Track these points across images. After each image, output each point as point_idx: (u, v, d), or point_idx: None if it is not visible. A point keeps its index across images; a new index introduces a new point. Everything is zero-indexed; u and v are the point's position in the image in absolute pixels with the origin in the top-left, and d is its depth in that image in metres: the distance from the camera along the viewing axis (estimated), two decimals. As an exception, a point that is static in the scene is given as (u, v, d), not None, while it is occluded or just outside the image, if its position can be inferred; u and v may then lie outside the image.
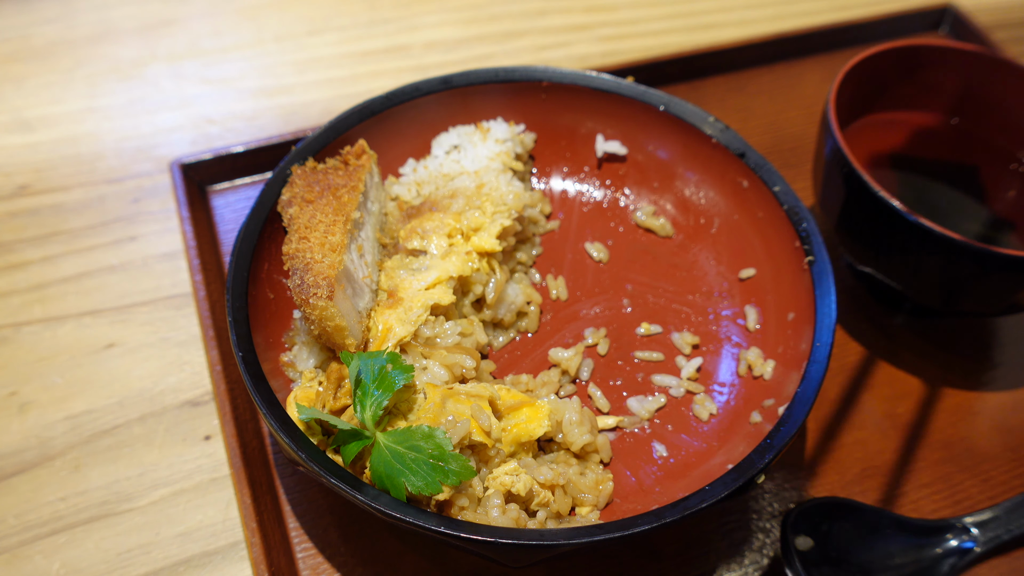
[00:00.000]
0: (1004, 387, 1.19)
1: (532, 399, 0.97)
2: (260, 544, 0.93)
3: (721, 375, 1.07)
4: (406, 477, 0.83)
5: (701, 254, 1.19)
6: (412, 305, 0.99)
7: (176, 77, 1.55)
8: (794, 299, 1.05)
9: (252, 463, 1.01)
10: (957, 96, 1.28)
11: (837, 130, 1.10)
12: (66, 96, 1.50)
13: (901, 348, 1.21)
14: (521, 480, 0.89)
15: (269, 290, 1.03)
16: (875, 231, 1.09)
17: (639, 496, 0.96)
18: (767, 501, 1.05)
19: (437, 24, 1.70)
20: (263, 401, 0.87)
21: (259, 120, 1.49)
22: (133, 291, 1.23)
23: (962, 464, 1.10)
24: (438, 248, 1.06)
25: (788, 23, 1.73)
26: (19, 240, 1.28)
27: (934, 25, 1.72)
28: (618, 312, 1.14)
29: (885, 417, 1.14)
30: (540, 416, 0.95)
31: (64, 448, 1.07)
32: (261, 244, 1.02)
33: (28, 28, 1.62)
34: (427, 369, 0.96)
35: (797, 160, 1.44)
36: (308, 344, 1.00)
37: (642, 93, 1.20)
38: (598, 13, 1.76)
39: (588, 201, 1.26)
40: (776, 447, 0.87)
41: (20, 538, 0.99)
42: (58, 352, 1.16)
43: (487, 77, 1.21)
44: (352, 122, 1.15)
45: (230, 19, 1.68)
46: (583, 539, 0.79)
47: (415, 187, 1.15)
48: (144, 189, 1.36)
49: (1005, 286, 1.05)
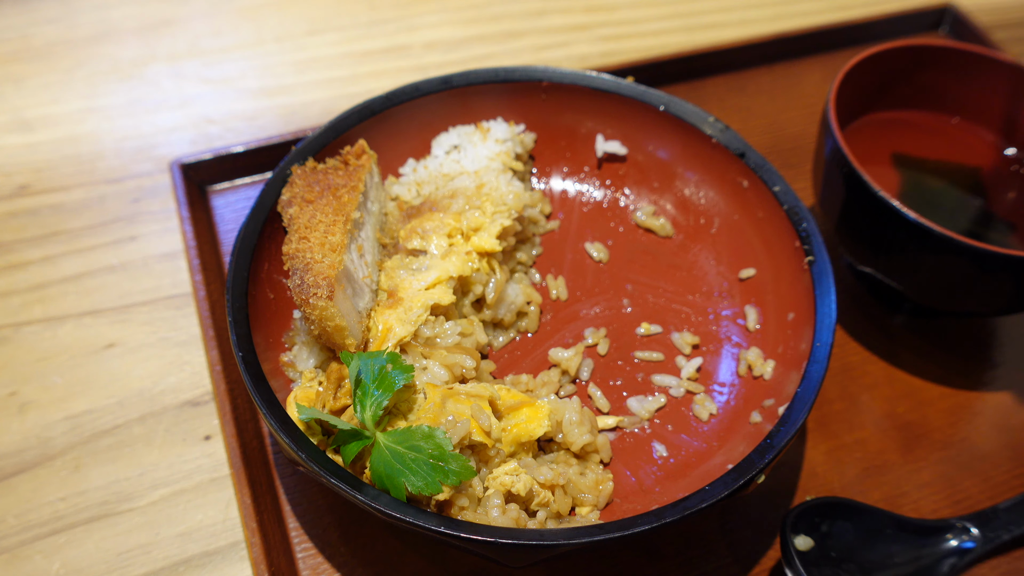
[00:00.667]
0: (1004, 387, 1.19)
1: (532, 399, 0.97)
2: (260, 544, 0.93)
3: (721, 375, 1.07)
4: (406, 477, 0.83)
5: (701, 254, 1.19)
6: (412, 305, 0.99)
7: (176, 77, 1.55)
8: (794, 299, 1.05)
9: (252, 463, 1.01)
10: (957, 96, 1.28)
11: (837, 130, 1.10)
12: (66, 96, 1.50)
13: (901, 348, 1.21)
14: (521, 480, 0.89)
15: (269, 290, 1.03)
16: (875, 231, 1.09)
17: (639, 496, 0.96)
18: (767, 501, 1.05)
19: (437, 24, 1.70)
20: (263, 401, 0.87)
21: (259, 120, 1.49)
22: (133, 291, 1.23)
23: (962, 464, 1.10)
24: (438, 248, 1.06)
25: (788, 23, 1.73)
26: (19, 240, 1.28)
27: (934, 25, 1.72)
28: (618, 312, 1.14)
29: (885, 417, 1.14)
30: (540, 416, 0.95)
31: (64, 448, 1.07)
32: (261, 244, 1.02)
33: (28, 28, 1.62)
34: (427, 369, 0.96)
35: (797, 160, 1.44)
36: (308, 344, 1.00)
37: (642, 93, 1.20)
38: (598, 13, 1.76)
39: (588, 201, 1.26)
40: (776, 447, 0.87)
41: (20, 538, 0.99)
42: (58, 352, 1.16)
43: (487, 77, 1.21)
44: (352, 122, 1.15)
45: (230, 19, 1.68)
46: (583, 539, 0.79)
47: (415, 187, 1.15)
48: (144, 189, 1.36)
49: (1005, 286, 1.05)
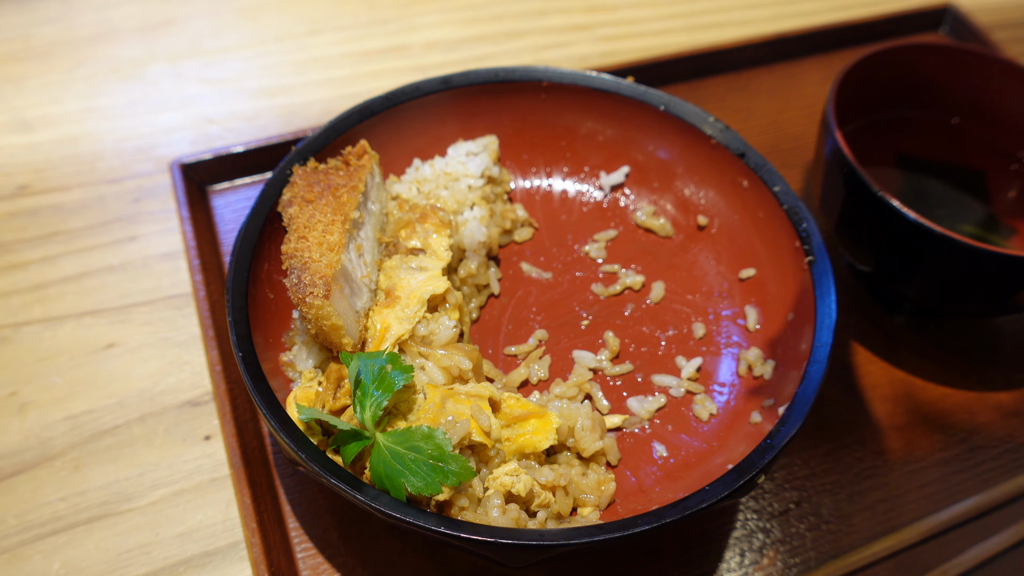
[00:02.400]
0: (1004, 387, 1.19)
1: (541, 409, 0.96)
2: (260, 544, 0.93)
3: (721, 375, 1.07)
4: (406, 477, 0.83)
5: (701, 254, 1.19)
6: (409, 301, 0.99)
7: (176, 77, 1.55)
8: (794, 299, 1.05)
9: (252, 463, 1.01)
10: (957, 96, 1.28)
11: (837, 130, 1.10)
12: (66, 96, 1.50)
13: (901, 348, 1.21)
14: (521, 481, 0.89)
15: (269, 290, 1.03)
16: (875, 231, 1.09)
17: (639, 496, 0.96)
18: (767, 501, 1.05)
19: (437, 24, 1.70)
20: (263, 401, 0.87)
21: (259, 120, 1.49)
22: (133, 291, 1.23)
23: (962, 464, 1.10)
24: (437, 246, 1.06)
25: (788, 23, 1.73)
26: (19, 240, 1.28)
27: (934, 25, 1.72)
28: (618, 312, 1.14)
29: (885, 417, 1.14)
30: (547, 429, 0.94)
31: (64, 448, 1.07)
32: (261, 244, 1.02)
33: (28, 28, 1.62)
34: (425, 369, 0.96)
35: (797, 160, 1.44)
36: (308, 344, 1.00)
37: (642, 93, 1.20)
38: (598, 13, 1.76)
39: (588, 201, 1.26)
40: (776, 447, 0.87)
41: (20, 538, 0.99)
42: (58, 352, 1.16)
43: (487, 77, 1.21)
44: (352, 122, 1.15)
45: (230, 19, 1.68)
46: (583, 539, 0.79)
47: (415, 185, 1.15)
48: (144, 189, 1.36)
49: (1005, 286, 1.05)
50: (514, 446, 0.93)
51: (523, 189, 1.27)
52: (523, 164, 1.27)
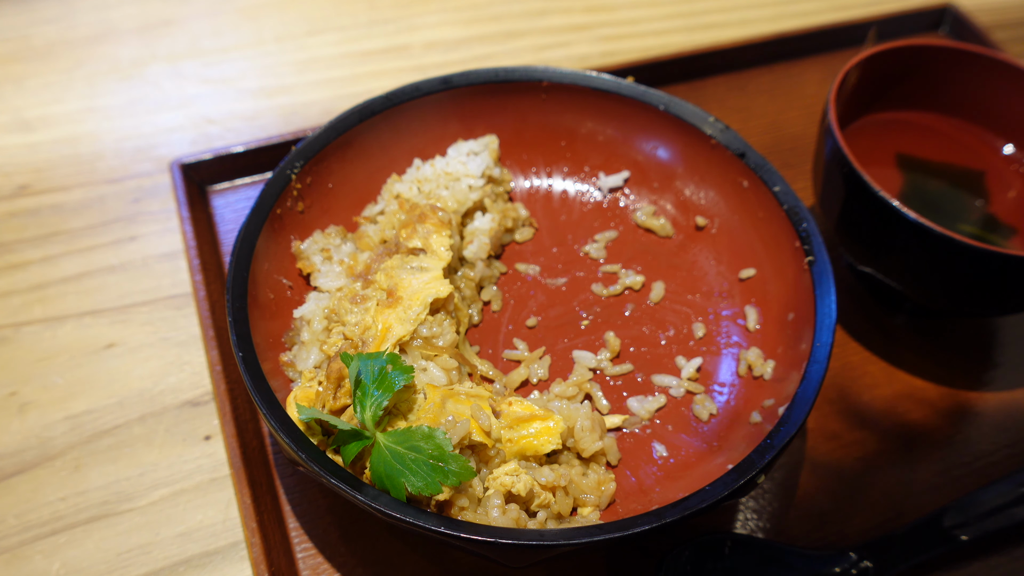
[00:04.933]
0: (1004, 387, 1.19)
1: (546, 413, 0.96)
2: (260, 544, 0.93)
3: (721, 375, 1.07)
4: (406, 477, 0.83)
5: (701, 254, 1.19)
6: (411, 303, 0.99)
7: (176, 77, 1.55)
8: (794, 299, 1.05)
9: (252, 463, 1.01)
10: (957, 96, 1.28)
11: (837, 130, 1.10)
12: (66, 96, 1.50)
13: (901, 348, 1.21)
14: (521, 481, 0.89)
15: (269, 290, 1.03)
16: (875, 231, 1.09)
17: (639, 496, 0.96)
18: (767, 501, 1.05)
19: (437, 24, 1.70)
20: (263, 401, 0.87)
21: (259, 120, 1.49)
22: (133, 291, 1.23)
23: (962, 464, 1.10)
24: (437, 246, 1.06)
25: (788, 23, 1.73)
26: (19, 240, 1.28)
27: (934, 25, 1.72)
28: (618, 312, 1.14)
29: (885, 417, 1.14)
30: (552, 432, 0.94)
31: (64, 448, 1.07)
32: (261, 244, 1.02)
33: (28, 28, 1.62)
34: (426, 370, 0.96)
35: (797, 160, 1.44)
36: (308, 344, 1.00)
37: (642, 93, 1.20)
38: (598, 13, 1.76)
39: (588, 201, 1.26)
40: (776, 447, 0.87)
41: (20, 538, 0.99)
42: (58, 352, 1.16)
43: (487, 77, 1.21)
44: (352, 122, 1.15)
45: (230, 19, 1.68)
46: (583, 539, 0.79)
47: (416, 185, 1.15)
48: (144, 189, 1.36)
49: (1005, 286, 1.05)
50: (515, 447, 0.93)
51: (523, 189, 1.27)
52: (523, 164, 1.27)
